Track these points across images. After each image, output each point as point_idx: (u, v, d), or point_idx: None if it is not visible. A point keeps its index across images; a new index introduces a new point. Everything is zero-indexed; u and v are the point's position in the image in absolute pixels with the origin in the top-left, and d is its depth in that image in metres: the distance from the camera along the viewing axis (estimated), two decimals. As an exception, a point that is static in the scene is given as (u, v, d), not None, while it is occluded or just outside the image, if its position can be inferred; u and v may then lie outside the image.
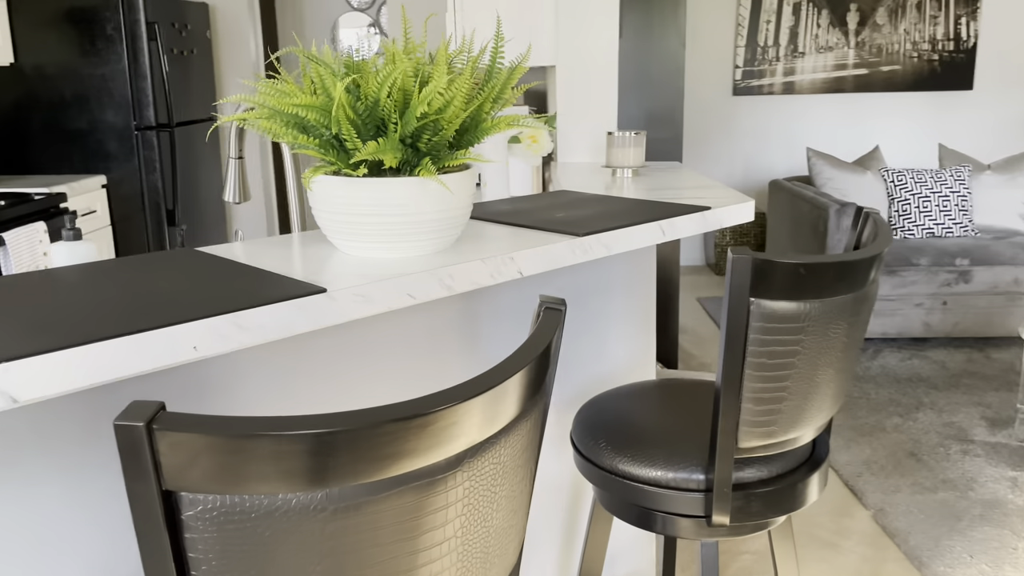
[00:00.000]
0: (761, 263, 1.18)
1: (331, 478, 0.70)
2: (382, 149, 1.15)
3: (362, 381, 1.43)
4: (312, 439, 0.67)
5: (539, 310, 0.94)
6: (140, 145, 3.94)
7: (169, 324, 0.95)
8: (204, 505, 0.68)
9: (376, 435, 0.70)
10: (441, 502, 0.77)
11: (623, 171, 2.28)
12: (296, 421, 0.68)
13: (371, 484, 0.72)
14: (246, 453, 0.67)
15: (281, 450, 0.67)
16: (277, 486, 0.68)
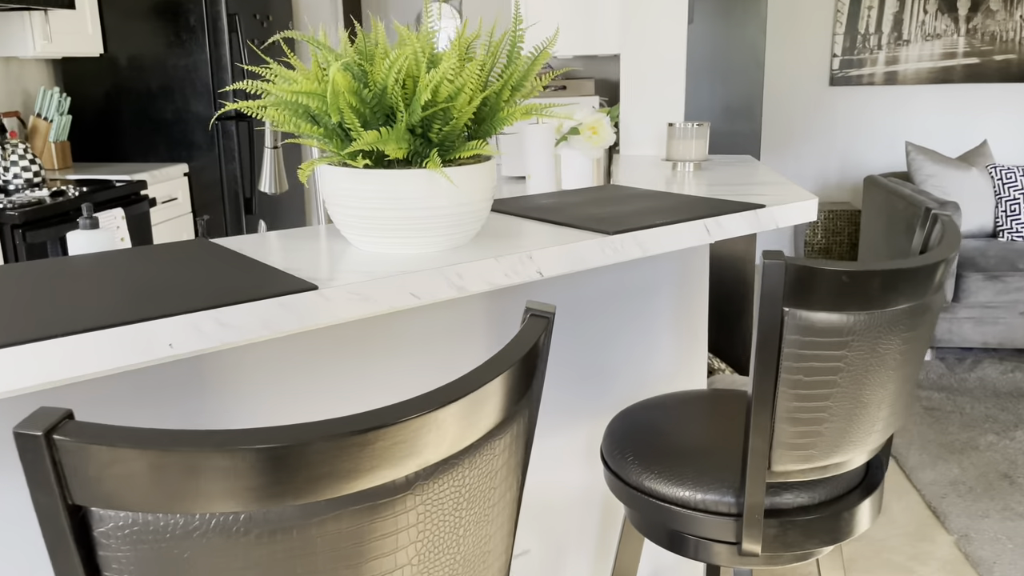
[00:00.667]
0: (797, 269, 1.06)
1: (254, 499, 0.63)
2: (384, 139, 1.09)
3: (387, 378, 1.37)
4: (232, 456, 0.61)
5: (524, 316, 0.85)
6: (220, 135, 4.02)
7: (143, 319, 0.91)
8: (116, 522, 0.63)
9: (306, 454, 0.64)
10: (389, 527, 0.70)
11: (684, 165, 2.15)
12: (216, 436, 0.62)
13: (302, 507, 0.66)
14: (159, 468, 0.61)
15: (196, 466, 0.61)
16: (193, 505, 0.63)
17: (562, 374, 1.64)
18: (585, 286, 1.64)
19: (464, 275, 1.17)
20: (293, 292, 1.01)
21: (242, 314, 0.97)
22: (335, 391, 1.33)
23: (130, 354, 0.91)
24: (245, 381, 1.22)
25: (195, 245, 1.25)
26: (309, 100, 1.08)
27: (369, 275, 1.10)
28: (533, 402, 0.88)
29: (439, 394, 0.70)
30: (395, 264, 1.15)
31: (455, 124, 1.15)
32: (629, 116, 2.51)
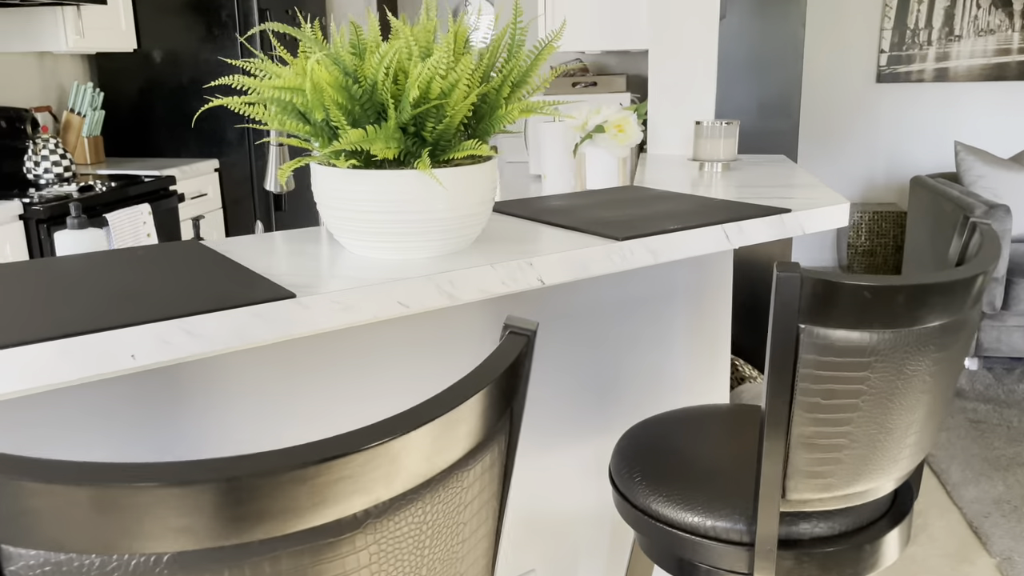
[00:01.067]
0: (813, 283, 0.97)
1: (179, 539, 0.57)
2: (371, 138, 1.02)
3: (384, 387, 1.31)
4: (148, 493, 0.55)
5: (503, 333, 0.78)
6: (251, 130, 4.01)
7: (104, 328, 0.85)
8: (27, 561, 0.57)
9: (236, 490, 0.57)
10: (336, 569, 0.64)
11: (712, 165, 2.06)
12: (135, 470, 0.56)
13: (234, 548, 0.59)
14: (72, 505, 0.55)
15: (113, 503, 0.55)
16: (112, 545, 0.57)
17: (570, 385, 1.56)
18: (597, 290, 1.56)
19: (457, 283, 1.10)
20: (269, 300, 0.95)
21: (212, 324, 0.92)
22: (328, 401, 1.27)
23: (90, 366, 0.86)
24: (227, 389, 1.17)
25: (183, 247, 1.20)
26: (291, 96, 1.02)
27: (355, 282, 1.04)
28: (512, 429, 0.80)
29: (393, 423, 0.64)
30: (384, 270, 1.09)
31: (449, 122, 1.08)
32: (657, 114, 2.41)
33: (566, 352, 1.54)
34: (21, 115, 3.53)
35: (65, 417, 1.03)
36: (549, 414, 1.53)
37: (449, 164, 1.13)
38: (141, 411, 1.08)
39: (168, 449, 1.11)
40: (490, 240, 1.26)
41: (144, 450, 1.10)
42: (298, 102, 1.03)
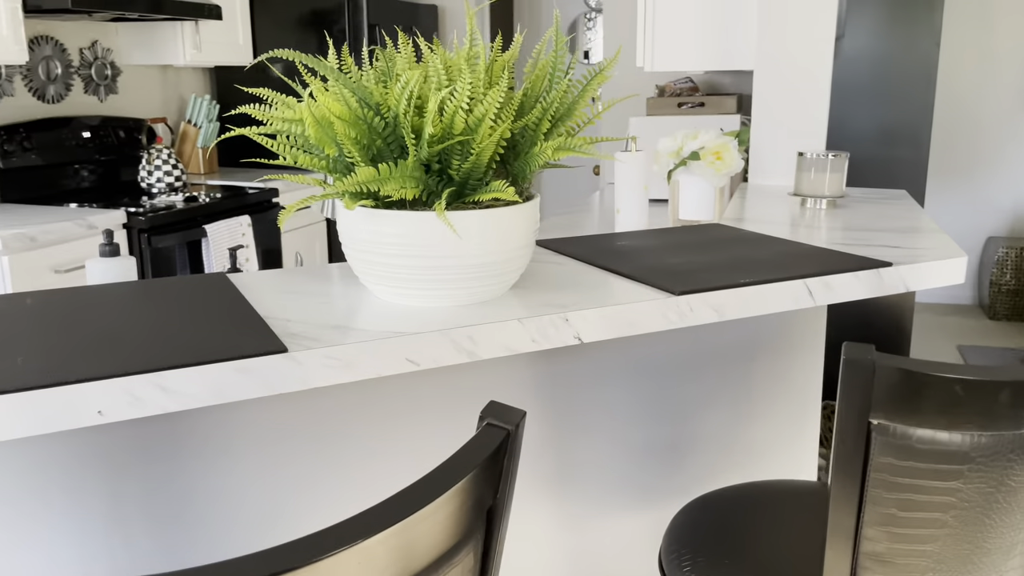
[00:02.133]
0: (889, 372, 0.79)
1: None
2: (383, 177, 0.92)
3: (406, 442, 1.20)
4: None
5: (479, 424, 0.65)
6: (356, 144, 4.04)
7: (67, 382, 0.79)
8: None
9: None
10: None
11: (815, 201, 1.85)
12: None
13: None
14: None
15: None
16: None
17: (629, 445, 1.41)
18: (665, 340, 1.40)
19: (477, 339, 0.98)
20: (256, 355, 0.86)
21: (188, 379, 0.84)
22: (348, 457, 1.18)
23: (56, 420, 0.79)
24: (230, 440, 1.09)
25: (203, 282, 1.14)
26: (299, 128, 0.93)
27: (361, 335, 0.93)
28: (491, 535, 0.68)
29: (332, 535, 0.52)
30: (400, 320, 0.98)
31: (476, 160, 0.96)
32: (761, 141, 2.22)
33: (626, 407, 1.39)
34: (140, 126, 3.67)
35: (55, 459, 0.98)
36: (603, 476, 1.39)
37: (479, 206, 1.02)
38: (136, 455, 1.02)
39: (160, 501, 1.05)
40: (531, 286, 1.14)
41: (136, 501, 1.03)
42: (309, 135, 0.94)
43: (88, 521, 1.00)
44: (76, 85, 3.49)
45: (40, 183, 3.22)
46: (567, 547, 1.39)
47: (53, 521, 0.99)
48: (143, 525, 1.03)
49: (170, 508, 1.05)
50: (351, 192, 0.92)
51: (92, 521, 1.01)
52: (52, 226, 2.62)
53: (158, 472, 1.04)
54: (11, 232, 2.49)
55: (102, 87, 3.60)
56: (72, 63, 3.45)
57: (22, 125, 3.15)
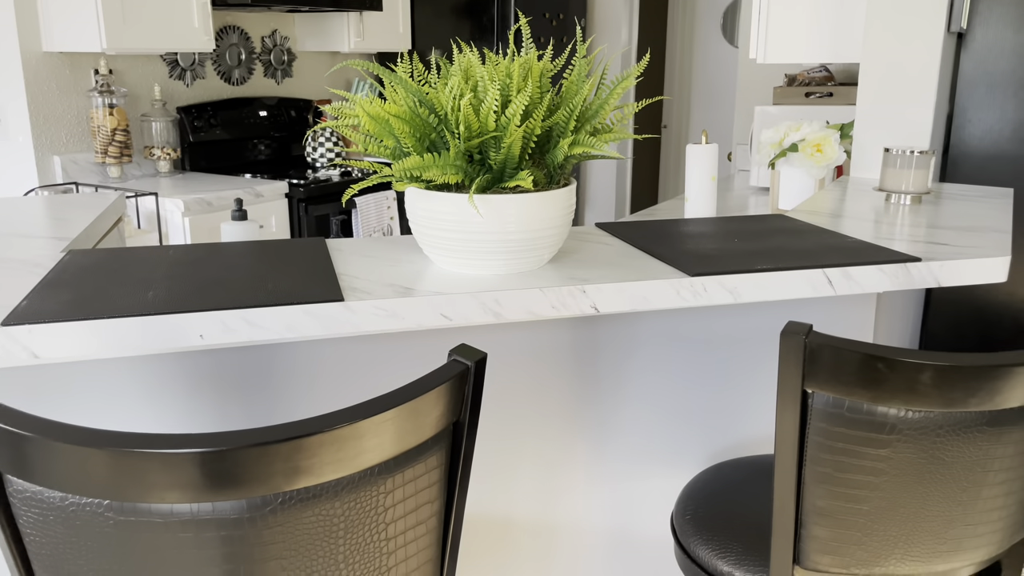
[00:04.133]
0: (817, 348, 0.92)
1: (111, 491, 0.73)
2: (426, 165, 1.13)
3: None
4: (82, 453, 0.72)
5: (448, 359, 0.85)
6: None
7: (180, 311, 1.06)
8: (16, 486, 0.77)
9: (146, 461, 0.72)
10: (262, 539, 0.76)
11: (900, 197, 1.89)
12: (77, 433, 0.73)
13: (151, 507, 0.74)
14: (28, 449, 0.73)
15: (86, 458, 0.72)
16: (64, 485, 0.74)
17: (665, 409, 1.55)
18: (711, 316, 1.53)
19: (503, 302, 1.18)
20: (319, 301, 1.10)
21: (268, 316, 1.09)
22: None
23: (166, 341, 1.06)
24: (322, 374, 1.34)
25: (301, 244, 1.40)
26: (369, 124, 1.16)
27: (405, 292, 1.16)
28: (455, 452, 0.87)
29: (300, 426, 0.75)
30: (448, 283, 1.19)
31: (507, 152, 1.15)
32: (864, 134, 2.24)
33: (670, 375, 1.53)
34: (309, 106, 4.09)
35: (152, 383, 1.27)
36: (639, 436, 1.54)
37: (516, 191, 1.20)
38: (242, 380, 1.30)
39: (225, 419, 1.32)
40: (569, 262, 1.32)
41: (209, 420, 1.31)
42: (367, 129, 1.17)
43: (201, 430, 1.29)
44: (257, 69, 3.95)
45: (223, 155, 3.70)
46: (603, 498, 1.56)
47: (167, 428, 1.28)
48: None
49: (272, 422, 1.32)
50: (400, 176, 1.13)
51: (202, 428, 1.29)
52: (225, 193, 3.04)
53: (260, 398, 1.31)
54: (192, 197, 2.93)
55: (279, 71, 4.05)
56: (255, 50, 3.91)
57: (209, 104, 3.63)
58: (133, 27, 2.96)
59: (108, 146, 3.15)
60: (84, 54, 3.16)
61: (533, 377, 1.45)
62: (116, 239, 1.85)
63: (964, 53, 2.57)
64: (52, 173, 3.12)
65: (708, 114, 5.74)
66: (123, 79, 3.34)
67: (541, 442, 1.49)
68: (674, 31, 5.69)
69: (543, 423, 1.48)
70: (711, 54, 5.63)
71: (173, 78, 3.54)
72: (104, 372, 1.23)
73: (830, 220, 1.69)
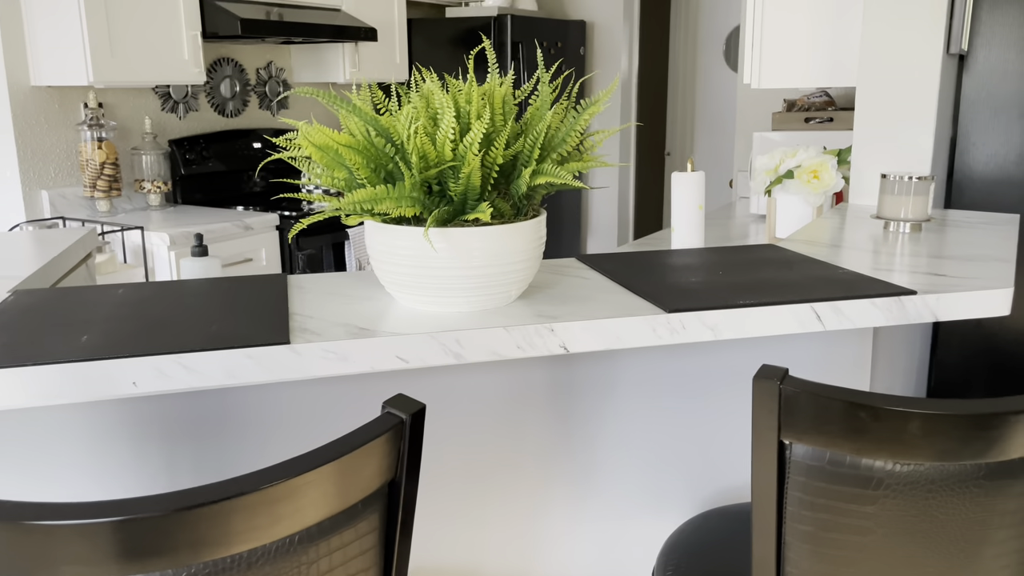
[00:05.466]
0: (793, 396, 0.83)
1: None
2: (379, 197, 1.06)
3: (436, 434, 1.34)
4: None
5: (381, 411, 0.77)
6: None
7: (110, 357, 0.99)
8: None
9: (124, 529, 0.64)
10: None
11: (898, 225, 1.80)
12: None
13: None
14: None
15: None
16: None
17: (647, 454, 1.46)
18: (700, 353, 1.45)
19: (464, 343, 1.10)
20: (261, 345, 1.03)
21: (206, 361, 1.01)
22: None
23: (96, 390, 0.99)
24: (281, 418, 1.27)
25: (259, 282, 1.33)
26: (317, 156, 1.09)
27: (356, 332, 1.08)
28: (393, 513, 0.79)
29: (219, 489, 0.67)
30: (396, 323, 1.12)
31: (467, 183, 1.08)
32: (862, 159, 2.16)
33: (649, 416, 1.44)
34: (305, 137, 4.06)
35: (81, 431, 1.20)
36: (621, 481, 1.45)
37: (477, 224, 1.13)
38: (189, 427, 1.22)
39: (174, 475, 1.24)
40: (541, 297, 1.24)
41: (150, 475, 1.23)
42: (315, 159, 1.10)
43: (145, 482, 1.21)
44: (252, 101, 3.92)
45: (216, 188, 3.66)
46: (582, 550, 1.47)
47: (113, 484, 1.20)
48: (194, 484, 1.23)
49: (219, 476, 1.24)
50: (349, 210, 1.06)
51: (150, 484, 1.22)
52: (214, 226, 2.99)
53: (212, 445, 1.23)
54: (179, 231, 2.87)
55: (275, 103, 4.02)
56: (249, 81, 3.88)
57: (202, 137, 3.59)
58: (121, 60, 2.94)
59: (97, 180, 3.12)
60: (73, 88, 3.13)
61: (506, 419, 1.37)
62: (83, 277, 1.79)
63: (966, 75, 2.49)
64: (40, 208, 3.08)
65: (711, 141, 5.68)
66: (114, 112, 3.31)
67: (514, 490, 1.40)
68: (676, 58, 5.65)
69: (516, 469, 1.39)
70: (714, 80, 5.59)
71: (165, 111, 3.51)
72: (44, 418, 1.16)
73: (824, 250, 1.60)
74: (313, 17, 3.57)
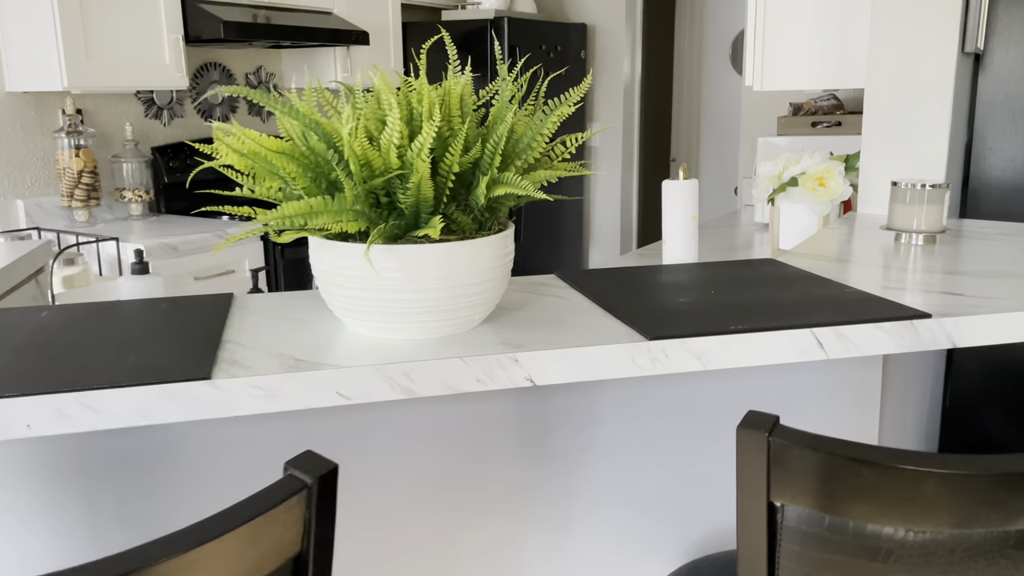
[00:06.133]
0: (785, 450, 0.69)
1: None
2: (314, 211, 0.93)
3: (370, 481, 1.21)
4: None
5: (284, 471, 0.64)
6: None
7: (1, 395, 0.86)
8: None
9: None
10: None
11: (910, 237, 1.66)
12: None
13: None
14: None
15: None
16: None
17: (639, 494, 1.33)
18: (684, 385, 1.31)
19: (415, 376, 0.97)
20: (179, 380, 0.90)
21: (114, 400, 0.88)
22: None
23: (-9, 429, 0.86)
24: (205, 456, 1.14)
25: (202, 304, 1.20)
26: (239, 162, 0.96)
27: (290, 365, 0.95)
28: (299, 586, 0.66)
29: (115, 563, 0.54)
30: (338, 353, 0.99)
31: (417, 194, 0.95)
32: (871, 166, 2.02)
33: (638, 452, 1.31)
34: (295, 144, 3.94)
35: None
36: (605, 524, 1.31)
37: (429, 240, 1.00)
38: (110, 468, 1.09)
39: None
40: (509, 321, 1.10)
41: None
42: (240, 167, 0.97)
43: (64, 526, 1.09)
44: (241, 107, 3.80)
45: (200, 197, 3.54)
46: (571, 593, 1.33)
47: (32, 524, 1.07)
48: (117, 535, 1.10)
49: (143, 523, 1.11)
50: (279, 225, 0.93)
51: (70, 530, 1.09)
52: (193, 236, 2.87)
53: (135, 487, 1.10)
54: (155, 242, 2.76)
55: (264, 108, 3.90)
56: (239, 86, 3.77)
57: (187, 144, 3.48)
58: (97, 64, 2.82)
59: (74, 189, 3.00)
60: (51, 94, 3.03)
61: (470, 456, 1.23)
62: (29, 294, 1.67)
63: (982, 76, 2.35)
64: (15, 218, 2.97)
65: (718, 146, 5.54)
66: (94, 119, 3.20)
67: (480, 537, 1.26)
68: (681, 61, 5.52)
69: (482, 513, 1.25)
70: (720, 84, 5.44)
71: (149, 117, 3.40)
72: (-55, 461, 1.03)
73: (830, 265, 1.46)
74: (302, 20, 3.45)
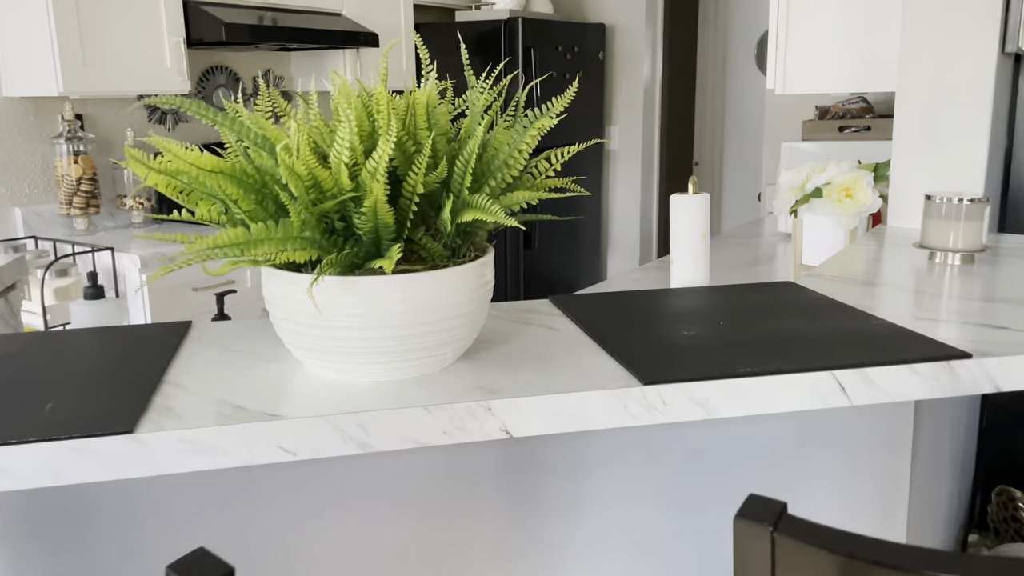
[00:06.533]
0: (791, 549, 0.56)
1: None
2: (257, 239, 0.81)
3: (347, 530, 1.08)
4: None
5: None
6: (509, 168, 3.99)
7: None
8: None
9: None
10: None
11: (945, 256, 1.51)
12: None
13: None
14: None
15: None
16: None
17: (616, 555, 1.20)
18: (686, 429, 1.17)
19: (371, 428, 0.84)
20: (97, 434, 0.78)
21: (18, 458, 0.77)
22: (274, 536, 1.07)
23: None
24: (144, 515, 1.02)
25: (152, 333, 1.09)
26: (162, 183, 0.85)
27: (239, 415, 0.83)
28: None
29: None
30: (288, 401, 0.87)
31: (374, 218, 0.83)
32: (902, 176, 1.87)
33: (632, 504, 1.17)
34: (304, 149, 3.84)
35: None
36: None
37: (395, 271, 0.88)
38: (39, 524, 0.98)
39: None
40: (487, 359, 0.98)
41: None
42: (164, 190, 0.86)
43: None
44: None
45: (206, 203, 3.45)
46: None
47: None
48: (53, 588, 0.99)
49: None
50: (215, 254, 0.81)
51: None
52: (192, 247, 2.77)
53: (66, 547, 0.99)
54: (151, 252, 2.66)
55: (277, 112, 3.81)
56: (245, 90, 3.68)
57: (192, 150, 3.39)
58: (95, 69, 2.74)
59: (73, 196, 2.92)
60: (50, 99, 2.95)
61: (450, 511, 1.11)
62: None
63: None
64: (12, 226, 2.90)
65: (742, 150, 5.37)
66: (95, 125, 3.12)
67: (468, 587, 1.14)
68: (704, 62, 5.36)
69: (463, 572, 1.13)
70: (745, 86, 5.28)
71: (153, 122, 3.32)
72: None
73: (856, 289, 1.32)
74: (310, 22, 3.35)
